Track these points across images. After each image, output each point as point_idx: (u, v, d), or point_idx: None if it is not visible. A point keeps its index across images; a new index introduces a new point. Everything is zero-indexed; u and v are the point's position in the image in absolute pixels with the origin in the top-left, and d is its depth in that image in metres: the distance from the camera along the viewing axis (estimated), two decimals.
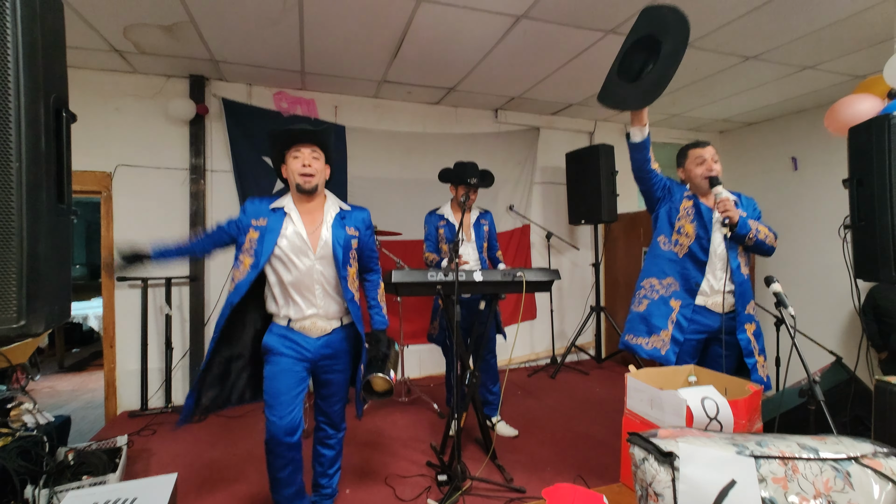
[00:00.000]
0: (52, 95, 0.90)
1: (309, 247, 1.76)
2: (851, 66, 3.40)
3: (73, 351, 6.29)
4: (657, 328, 2.12)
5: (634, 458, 1.07)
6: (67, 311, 0.96)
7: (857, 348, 3.28)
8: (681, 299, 2.11)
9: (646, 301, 2.19)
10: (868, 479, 0.90)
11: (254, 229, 1.77)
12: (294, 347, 1.78)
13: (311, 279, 1.77)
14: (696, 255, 2.11)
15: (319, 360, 1.84)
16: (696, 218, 2.14)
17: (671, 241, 2.18)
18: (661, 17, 1.82)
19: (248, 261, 1.75)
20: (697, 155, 2.19)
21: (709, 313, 2.10)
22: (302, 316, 1.78)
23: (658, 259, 2.20)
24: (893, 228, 1.78)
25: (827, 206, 4.19)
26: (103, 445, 2.54)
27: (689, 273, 2.12)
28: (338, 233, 1.81)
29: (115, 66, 3.30)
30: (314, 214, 1.82)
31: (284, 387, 1.74)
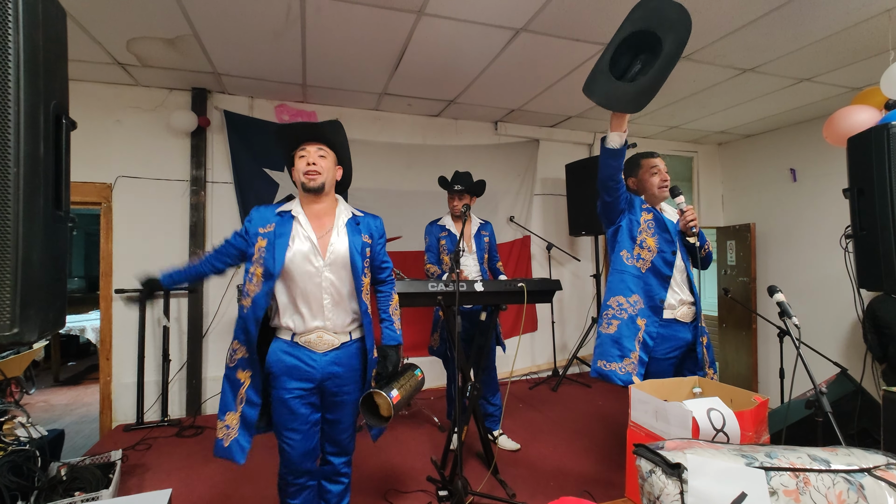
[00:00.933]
0: (53, 102, 0.89)
1: (318, 252, 1.63)
2: (848, 79, 3.43)
3: (69, 364, 6.23)
4: (628, 350, 2.02)
5: (641, 470, 1.05)
6: (62, 319, 0.95)
7: (860, 359, 3.25)
8: (646, 318, 2.05)
9: (616, 321, 2.08)
10: (882, 491, 0.88)
11: (261, 237, 1.64)
12: (298, 366, 1.63)
13: (318, 288, 1.63)
14: (660, 269, 2.06)
15: (326, 380, 1.66)
16: (657, 231, 2.09)
17: (633, 255, 2.10)
18: (662, 11, 1.65)
19: (259, 271, 1.62)
20: (652, 165, 2.17)
21: (680, 326, 2.07)
22: (307, 329, 1.63)
23: (623, 275, 2.11)
24: (895, 237, 1.78)
25: (827, 217, 4.19)
26: (97, 460, 2.49)
27: (652, 290, 2.06)
28: (354, 239, 1.68)
29: (118, 79, 3.33)
30: (323, 219, 1.69)
31: (297, 415, 1.63)
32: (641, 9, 1.67)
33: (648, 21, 1.66)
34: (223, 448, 1.61)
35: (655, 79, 1.70)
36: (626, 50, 1.73)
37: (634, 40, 1.70)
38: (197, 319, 3.47)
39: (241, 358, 1.64)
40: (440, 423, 3.21)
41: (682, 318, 2.07)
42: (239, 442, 1.60)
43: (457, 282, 2.15)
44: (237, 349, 1.66)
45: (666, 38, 1.67)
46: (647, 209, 2.15)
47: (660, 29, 1.66)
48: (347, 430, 1.77)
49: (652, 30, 1.67)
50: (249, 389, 1.63)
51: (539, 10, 2.48)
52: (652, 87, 1.71)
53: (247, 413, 1.62)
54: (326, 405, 1.72)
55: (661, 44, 1.68)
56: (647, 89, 1.71)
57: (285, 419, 1.64)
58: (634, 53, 1.74)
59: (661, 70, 1.69)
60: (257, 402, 1.63)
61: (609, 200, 2.06)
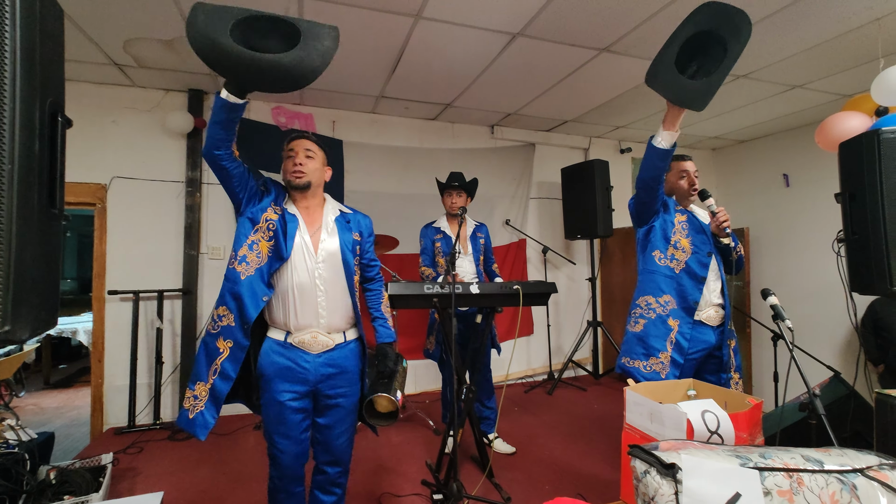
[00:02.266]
0: (49, 100, 0.89)
1: (310, 250, 1.61)
2: (839, 86, 3.47)
3: (60, 367, 6.16)
4: (655, 350, 2.02)
5: (636, 471, 1.05)
6: (54, 318, 0.94)
7: (853, 364, 3.27)
8: (679, 318, 2.03)
9: (642, 321, 2.09)
10: (875, 491, 0.89)
11: (272, 210, 1.59)
12: (291, 368, 1.58)
13: (312, 285, 1.59)
14: (694, 270, 2.05)
15: (320, 382, 1.61)
16: (692, 232, 2.09)
17: (667, 256, 2.10)
18: (728, 15, 1.65)
19: (265, 245, 1.55)
20: (682, 168, 2.18)
21: (705, 328, 2.07)
22: (300, 328, 1.59)
23: (654, 275, 2.10)
24: (887, 241, 1.80)
25: (820, 222, 4.23)
26: (87, 464, 2.46)
27: (685, 290, 2.05)
28: (345, 237, 1.67)
29: (114, 80, 3.31)
30: (312, 217, 1.68)
31: (288, 420, 1.57)
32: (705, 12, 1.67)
33: (715, 23, 1.66)
34: (187, 420, 1.51)
35: (720, 80, 1.70)
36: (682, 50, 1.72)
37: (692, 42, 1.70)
38: (191, 321, 3.45)
39: (227, 326, 1.54)
40: (435, 427, 3.20)
41: (708, 321, 2.06)
42: (204, 416, 1.49)
43: (452, 284, 2.15)
44: (223, 315, 1.55)
45: (732, 41, 1.67)
46: (681, 211, 2.15)
47: (726, 32, 1.67)
48: (342, 436, 1.69)
49: (719, 32, 1.67)
50: (227, 361, 1.51)
51: (535, 15, 2.50)
52: (715, 87, 1.71)
53: (218, 386, 1.50)
54: (319, 409, 1.67)
55: (725, 46, 1.67)
56: (713, 89, 1.71)
57: (276, 424, 1.58)
58: (689, 53, 1.73)
59: (725, 71, 1.68)
60: (232, 376, 1.51)
61: (647, 201, 2.06)
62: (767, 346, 3.10)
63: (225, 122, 1.47)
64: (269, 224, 1.58)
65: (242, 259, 1.57)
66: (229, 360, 1.52)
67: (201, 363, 1.56)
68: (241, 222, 1.61)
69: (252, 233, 1.59)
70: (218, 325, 1.56)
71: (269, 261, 1.56)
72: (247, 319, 1.52)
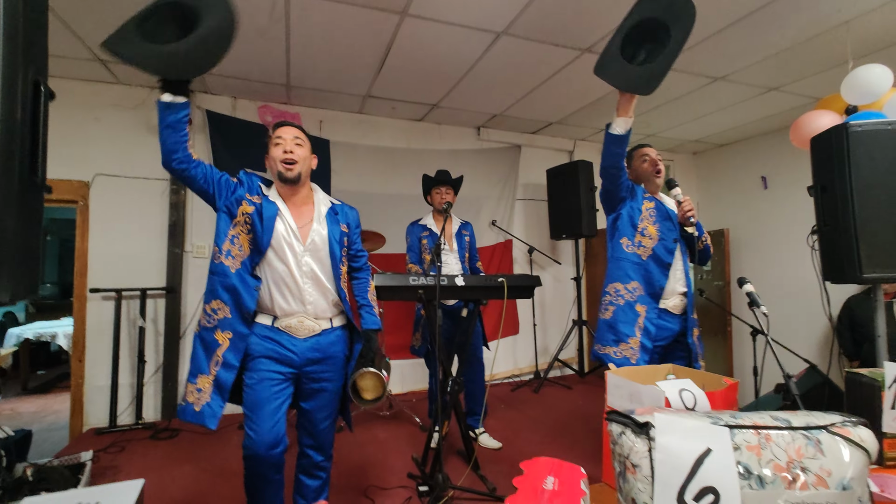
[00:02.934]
0: (32, 68, 0.90)
1: (298, 238, 1.64)
2: (812, 89, 3.60)
3: (39, 373, 6.00)
4: (625, 336, 2.07)
5: (612, 434, 1.08)
6: (35, 286, 0.94)
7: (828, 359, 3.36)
8: (646, 304, 2.08)
9: (612, 307, 2.14)
10: (837, 445, 0.92)
11: (247, 203, 1.60)
12: (278, 350, 1.60)
13: (299, 272, 1.62)
14: (661, 257, 2.10)
15: (306, 366, 1.64)
16: (659, 219, 2.14)
17: (634, 243, 2.14)
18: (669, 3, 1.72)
19: (245, 239, 1.59)
20: (644, 153, 2.24)
21: (670, 316, 2.12)
22: (288, 313, 1.62)
23: (622, 262, 2.15)
24: (856, 230, 1.87)
25: (796, 222, 4.35)
26: (66, 461, 2.40)
27: (652, 276, 2.09)
28: (332, 228, 1.71)
29: (98, 77, 3.30)
30: (302, 208, 1.70)
31: (265, 396, 1.55)
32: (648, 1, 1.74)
33: (657, 10, 1.73)
34: (193, 413, 1.52)
35: (666, 64, 1.75)
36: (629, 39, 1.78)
37: (638, 30, 1.76)
38: (174, 320, 3.41)
39: (223, 318, 1.57)
40: (421, 423, 3.19)
41: (672, 310, 2.11)
42: (211, 406, 1.52)
43: (438, 276, 2.17)
44: (218, 309, 1.58)
45: (674, 27, 1.73)
46: (649, 198, 2.19)
47: (668, 19, 1.73)
48: (325, 420, 1.72)
49: (661, 19, 1.74)
50: (228, 352, 1.55)
51: (519, 14, 2.56)
52: (662, 71, 1.76)
53: (222, 377, 1.54)
54: (304, 393, 1.68)
55: (668, 32, 1.74)
56: (659, 73, 1.76)
57: (255, 402, 1.56)
58: (638, 42, 1.80)
59: (671, 56, 1.75)
60: (235, 365, 1.54)
61: (610, 188, 2.10)
62: (748, 344, 3.16)
63: (174, 124, 1.46)
64: (246, 218, 1.60)
65: (227, 254, 1.60)
66: (231, 350, 1.56)
67: (200, 357, 1.58)
68: (219, 217, 1.63)
69: (231, 227, 1.62)
70: (214, 318, 1.58)
71: (251, 253, 1.60)
72: (246, 309, 1.57)
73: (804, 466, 0.93)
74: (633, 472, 0.98)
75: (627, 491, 1.02)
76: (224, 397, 1.54)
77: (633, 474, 0.98)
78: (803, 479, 0.93)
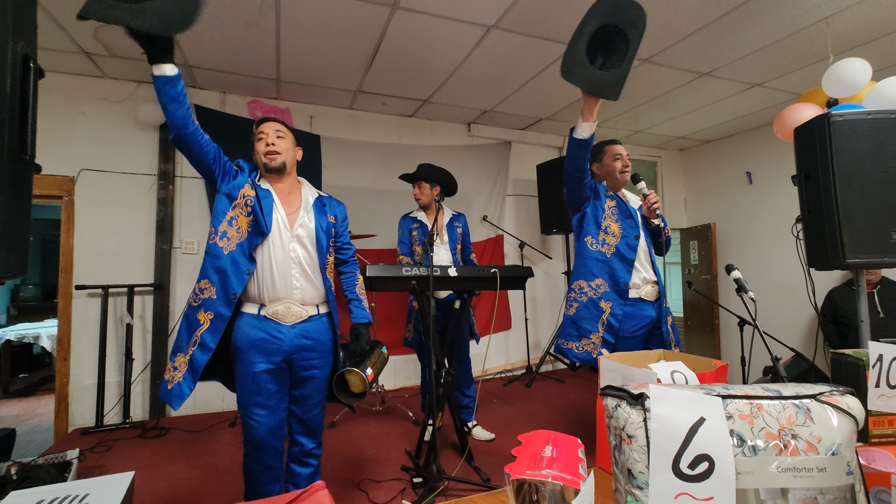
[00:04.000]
0: (21, 42, 0.88)
1: (287, 226, 1.67)
2: (794, 85, 3.68)
3: (21, 376, 5.86)
4: (587, 331, 2.14)
5: (607, 408, 1.09)
6: (24, 264, 0.92)
7: (813, 349, 3.43)
8: (611, 300, 2.14)
9: (575, 304, 2.20)
10: (826, 412, 0.94)
11: (250, 186, 1.64)
12: (266, 340, 1.61)
13: (287, 258, 1.65)
14: (624, 253, 2.16)
15: (295, 353, 1.66)
16: (620, 217, 2.21)
17: (598, 241, 2.20)
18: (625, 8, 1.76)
19: (244, 221, 1.62)
20: (616, 152, 2.29)
21: (645, 304, 2.18)
22: (274, 299, 1.63)
23: (587, 260, 2.21)
24: (839, 217, 1.92)
25: (781, 216, 4.44)
26: (51, 460, 2.35)
27: (616, 273, 2.15)
28: (320, 218, 1.76)
29: (84, 70, 3.24)
30: (290, 197, 1.75)
31: (264, 386, 1.60)
32: (605, 5, 1.77)
33: (613, 17, 1.77)
34: (165, 391, 1.55)
35: (626, 69, 1.80)
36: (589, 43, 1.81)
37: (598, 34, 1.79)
38: (162, 317, 3.36)
39: (208, 298, 1.59)
40: (415, 418, 3.19)
41: (647, 297, 2.18)
42: (181, 386, 1.52)
43: (430, 266, 2.17)
44: (205, 288, 1.60)
45: (631, 32, 1.78)
46: (611, 196, 2.26)
47: (624, 25, 1.78)
48: (315, 407, 1.74)
49: (618, 25, 1.78)
50: (206, 332, 1.56)
51: (509, 8, 2.58)
52: (624, 76, 1.80)
53: (197, 357, 1.54)
54: (295, 381, 1.70)
55: (625, 38, 1.78)
56: (622, 78, 1.80)
57: (252, 395, 1.59)
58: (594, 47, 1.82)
59: (630, 61, 1.79)
60: (211, 347, 1.55)
61: (574, 190, 2.17)
62: (735, 336, 3.22)
63: (176, 96, 1.48)
64: (247, 200, 1.63)
65: (223, 235, 1.62)
66: (209, 331, 1.56)
67: (182, 335, 1.60)
68: (218, 199, 1.66)
69: (231, 209, 1.63)
70: (199, 297, 1.60)
71: (248, 235, 1.62)
72: (232, 292, 1.58)
73: (795, 434, 0.95)
74: (628, 442, 0.99)
75: (623, 462, 1.04)
76: (195, 378, 1.54)
77: (629, 445, 0.99)
78: (794, 445, 0.95)
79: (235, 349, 1.62)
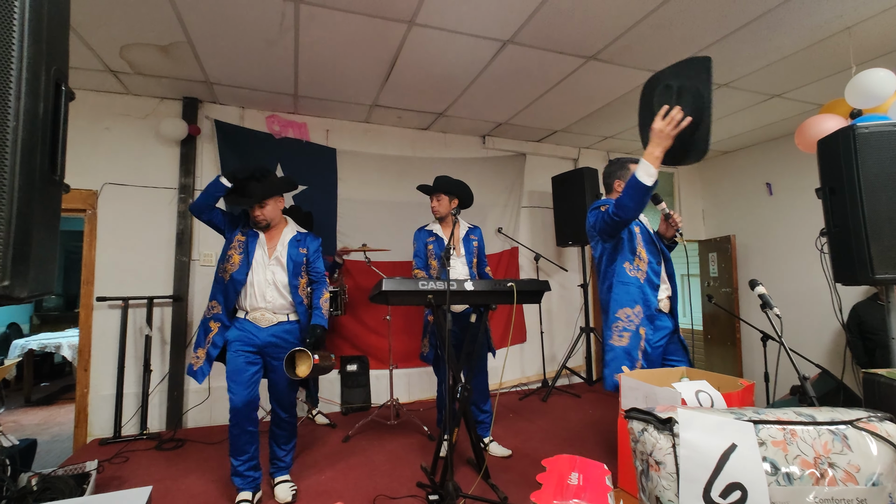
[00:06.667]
0: (54, 67, 0.91)
1: (266, 254, 2.33)
2: (815, 95, 3.62)
3: (42, 385, 5.98)
4: (635, 360, 2.11)
5: (633, 432, 1.06)
6: (52, 283, 0.94)
7: (840, 364, 3.31)
8: (646, 327, 2.14)
9: (627, 333, 2.13)
10: (865, 440, 0.91)
11: (241, 234, 2.35)
12: (246, 335, 2.26)
13: (264, 279, 2.30)
14: (652, 279, 2.18)
15: (266, 347, 2.28)
16: (645, 243, 2.21)
17: (634, 266, 2.18)
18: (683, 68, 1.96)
19: (237, 258, 2.30)
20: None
21: (664, 315, 2.21)
22: (254, 308, 2.29)
23: (629, 286, 2.16)
24: (866, 231, 1.86)
25: (803, 227, 4.34)
26: (70, 471, 2.38)
27: (649, 298, 2.16)
28: (292, 251, 2.37)
29: (109, 87, 3.34)
30: (274, 236, 2.38)
31: (240, 367, 2.21)
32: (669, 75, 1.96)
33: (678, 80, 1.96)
34: (191, 370, 2.27)
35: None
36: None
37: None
38: (181, 328, 3.40)
39: (216, 313, 2.29)
40: (430, 433, 3.15)
41: (663, 309, 2.22)
42: (202, 369, 2.25)
43: (447, 280, 2.16)
44: (214, 306, 2.31)
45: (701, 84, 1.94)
46: (637, 222, 2.24)
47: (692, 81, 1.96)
48: (284, 388, 2.35)
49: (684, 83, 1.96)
50: (217, 335, 2.27)
51: (525, 22, 2.59)
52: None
53: (211, 351, 2.26)
54: (268, 368, 2.33)
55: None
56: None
57: (233, 373, 2.21)
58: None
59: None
60: (220, 345, 2.27)
61: (621, 222, 2.06)
62: (758, 350, 3.12)
63: (215, 195, 2.27)
64: (239, 243, 2.33)
65: (225, 269, 2.32)
66: (218, 335, 2.29)
67: (200, 336, 2.33)
68: (225, 243, 2.38)
69: (230, 249, 2.33)
70: (212, 311, 2.34)
71: (240, 267, 2.29)
72: (230, 308, 2.33)
73: (832, 462, 0.91)
74: (656, 469, 0.96)
75: (651, 489, 1.00)
76: (210, 364, 2.27)
77: (657, 472, 0.96)
78: (832, 474, 0.91)
79: (227, 341, 2.29)
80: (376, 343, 3.87)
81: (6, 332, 6.20)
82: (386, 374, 3.54)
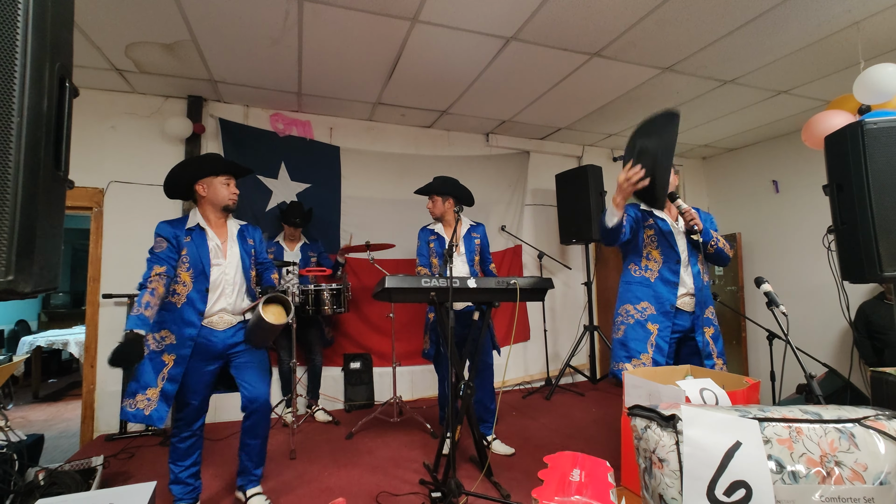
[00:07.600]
0: (58, 63, 0.91)
1: (222, 254, 2.14)
2: (822, 91, 3.58)
3: (50, 381, 6.04)
4: (636, 352, 2.17)
5: (636, 429, 1.05)
6: (56, 278, 0.94)
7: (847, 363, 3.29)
8: (658, 322, 2.18)
9: (623, 326, 2.26)
10: (872, 438, 0.89)
11: (183, 247, 2.10)
12: (205, 345, 2.04)
13: (222, 279, 2.11)
14: (667, 277, 2.20)
15: (228, 350, 2.11)
16: (659, 243, 2.24)
17: (641, 267, 2.27)
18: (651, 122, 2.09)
19: (187, 274, 2.05)
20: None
21: (682, 314, 2.21)
22: (212, 312, 2.08)
23: (631, 286, 2.28)
24: (874, 227, 1.84)
25: (810, 227, 4.30)
26: (76, 466, 2.40)
27: (661, 296, 2.19)
28: (243, 244, 2.23)
29: (114, 86, 3.36)
30: (222, 229, 2.19)
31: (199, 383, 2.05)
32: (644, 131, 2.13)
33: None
34: (143, 416, 1.91)
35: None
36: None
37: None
38: None
39: (170, 344, 2.00)
40: (432, 430, 3.15)
41: (683, 307, 2.21)
42: (159, 411, 1.92)
43: (450, 277, 2.16)
44: (166, 336, 2.02)
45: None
46: (650, 225, 2.26)
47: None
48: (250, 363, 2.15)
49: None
50: (173, 369, 1.98)
51: (528, 19, 2.58)
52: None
53: (167, 389, 1.96)
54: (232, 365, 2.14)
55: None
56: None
57: (189, 388, 2.04)
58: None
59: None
60: (179, 379, 1.98)
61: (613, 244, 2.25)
62: (763, 349, 3.10)
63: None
64: (183, 259, 2.06)
65: (174, 293, 2.05)
66: (175, 367, 1.99)
67: (148, 374, 1.97)
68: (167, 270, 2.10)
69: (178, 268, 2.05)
70: (162, 344, 2.01)
71: (194, 284, 2.04)
72: (189, 337, 2.01)
73: (838, 460, 0.90)
74: (659, 466, 0.95)
75: (654, 487, 1.00)
76: (168, 405, 1.95)
77: (660, 469, 0.95)
78: (838, 473, 0.89)
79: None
80: (379, 341, 3.88)
81: (15, 328, 6.26)
82: (389, 371, 3.55)
